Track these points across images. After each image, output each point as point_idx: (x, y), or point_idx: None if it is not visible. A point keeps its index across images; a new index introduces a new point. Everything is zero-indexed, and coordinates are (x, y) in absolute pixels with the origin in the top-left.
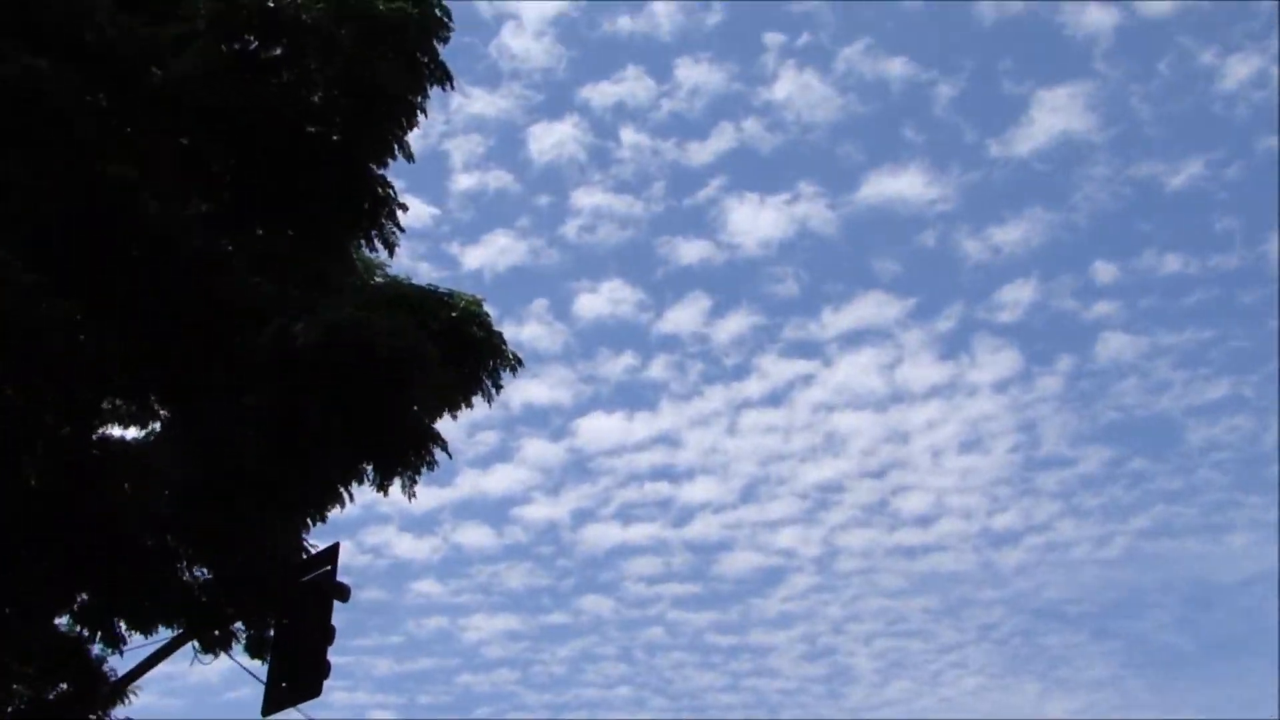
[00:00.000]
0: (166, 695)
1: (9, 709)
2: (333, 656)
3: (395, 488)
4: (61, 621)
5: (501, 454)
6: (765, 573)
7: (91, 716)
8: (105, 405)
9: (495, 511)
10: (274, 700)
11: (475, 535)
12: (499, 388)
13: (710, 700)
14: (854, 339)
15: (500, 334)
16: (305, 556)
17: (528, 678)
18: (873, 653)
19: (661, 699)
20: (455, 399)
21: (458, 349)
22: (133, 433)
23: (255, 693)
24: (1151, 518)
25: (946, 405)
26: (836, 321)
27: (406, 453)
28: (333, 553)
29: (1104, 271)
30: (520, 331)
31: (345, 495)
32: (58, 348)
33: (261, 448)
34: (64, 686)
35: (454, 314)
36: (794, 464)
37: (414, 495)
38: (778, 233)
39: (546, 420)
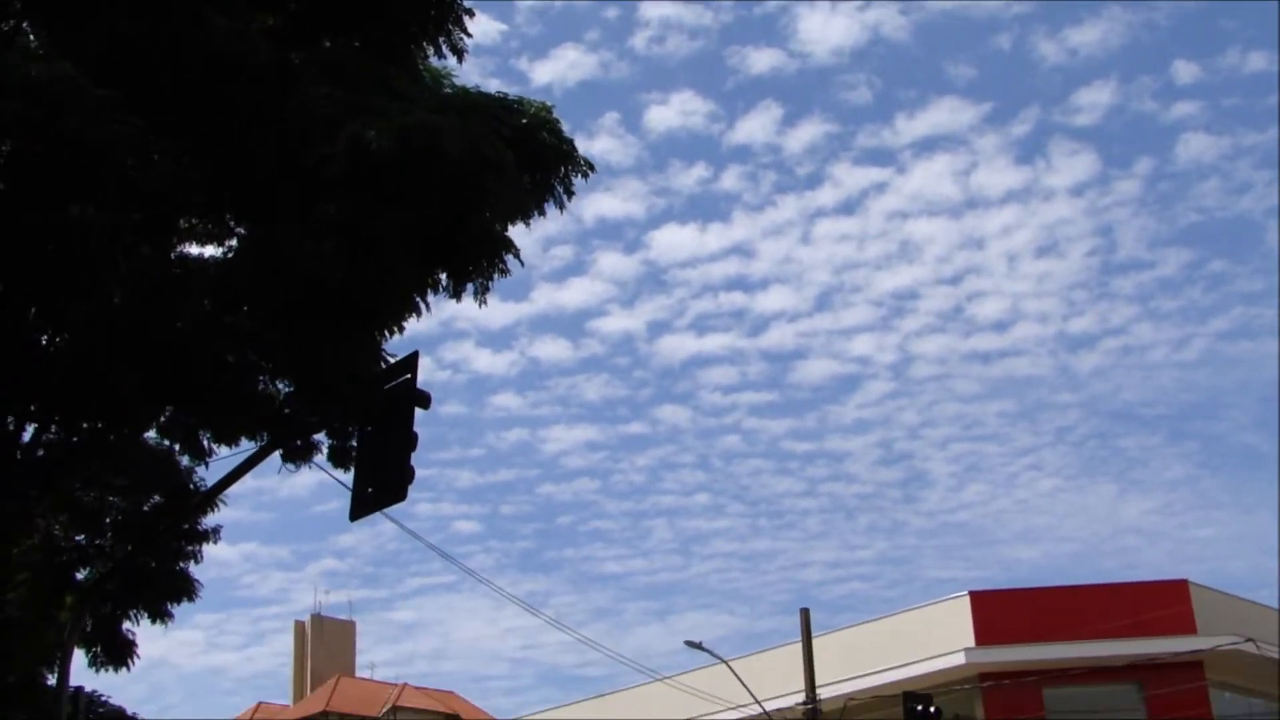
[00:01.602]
0: (258, 509)
1: (107, 519)
2: (416, 470)
3: (469, 295)
4: (150, 436)
5: (576, 268)
6: (841, 380)
7: (184, 525)
8: (182, 224)
9: (571, 325)
10: (360, 505)
11: (552, 349)
12: (571, 194)
13: (787, 505)
14: (928, 145)
15: (571, 140)
16: (384, 366)
17: (607, 486)
18: (949, 457)
19: (739, 504)
20: (528, 205)
21: (529, 155)
22: (210, 251)
23: (342, 505)
24: (1230, 320)
25: (1022, 210)
26: (910, 128)
27: (479, 259)
28: (412, 361)
29: (1184, 71)
30: (591, 145)
31: (421, 305)
32: (131, 164)
33: (337, 260)
34: (157, 498)
35: (524, 120)
36: (868, 272)
37: (485, 302)
38: (849, 40)
39: (620, 233)
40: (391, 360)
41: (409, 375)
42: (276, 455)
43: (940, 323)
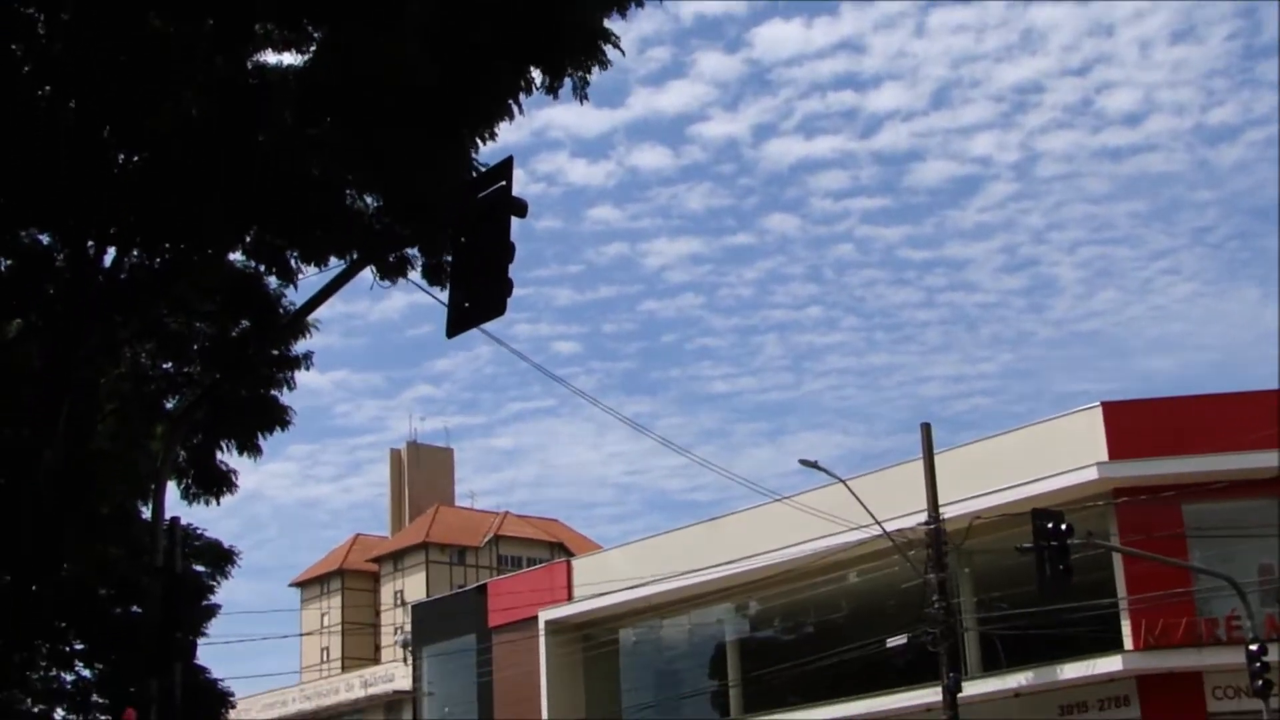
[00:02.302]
0: (350, 335)
1: (195, 346)
2: (513, 289)
3: (566, 92)
4: (236, 257)
5: (675, 70)
6: (959, 182)
7: (273, 350)
8: (258, 29)
9: (671, 131)
10: (458, 321)
11: (651, 157)
12: None
13: (905, 317)
14: None
15: None
16: (476, 174)
17: (713, 301)
18: (1077, 262)
19: (853, 318)
20: None
21: None
22: (289, 58)
23: (437, 328)
24: None
25: None
26: None
27: (576, 51)
28: (506, 167)
29: None
30: None
31: (513, 108)
32: None
33: (422, 61)
34: (244, 323)
35: None
36: (988, 65)
37: (585, 97)
38: None
39: (720, 31)
40: (483, 171)
41: (504, 182)
42: (367, 276)
43: (1067, 118)
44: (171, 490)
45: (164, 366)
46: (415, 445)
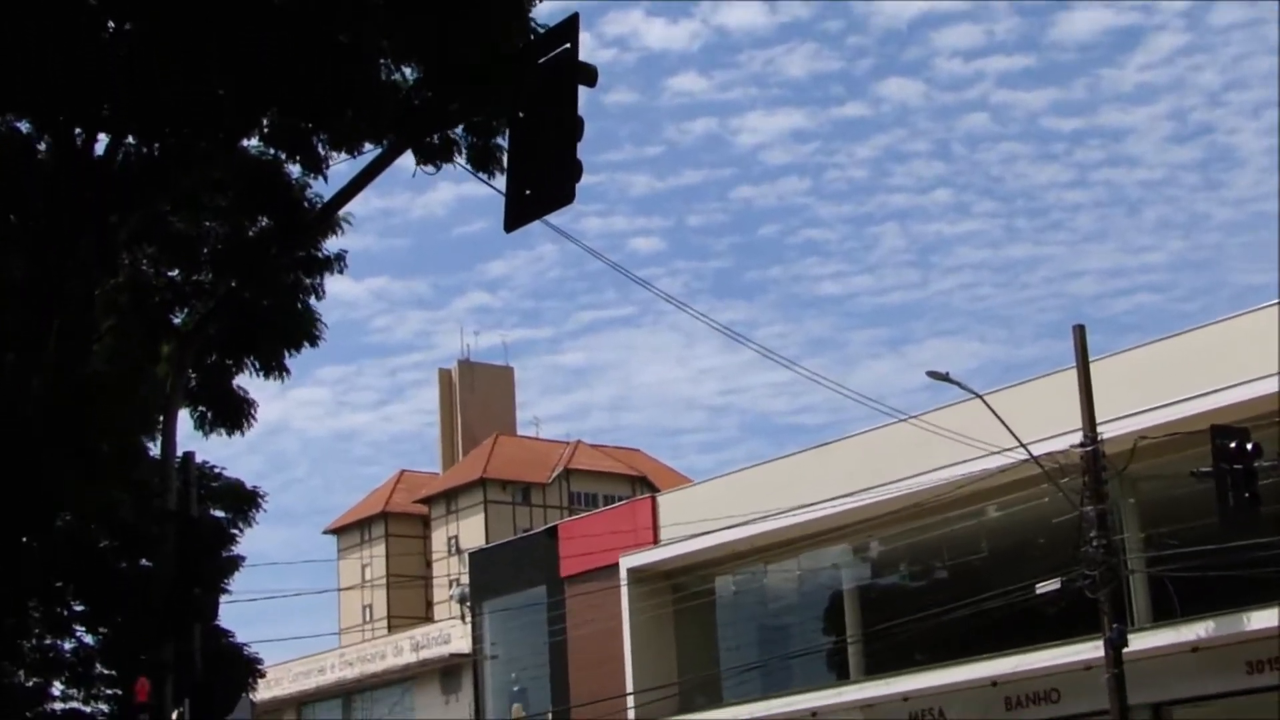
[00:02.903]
0: (388, 235)
1: (205, 249)
2: (581, 176)
3: None
4: (253, 145)
5: None
6: (1117, 34)
7: (299, 252)
8: None
9: None
10: (517, 212)
11: (743, 14)
12: None
13: (1052, 200)
14: None
15: None
16: (534, 38)
17: (820, 186)
18: (1262, 128)
19: (989, 202)
20: None
21: None
22: None
23: (490, 225)
24: None
25: None
26: None
27: None
28: (571, 26)
29: None
30: None
31: None
32: None
33: None
34: (264, 220)
35: None
36: None
37: None
38: None
39: None
40: (543, 32)
41: (568, 45)
42: (407, 163)
43: None
44: (183, 421)
45: (169, 275)
46: (468, 364)
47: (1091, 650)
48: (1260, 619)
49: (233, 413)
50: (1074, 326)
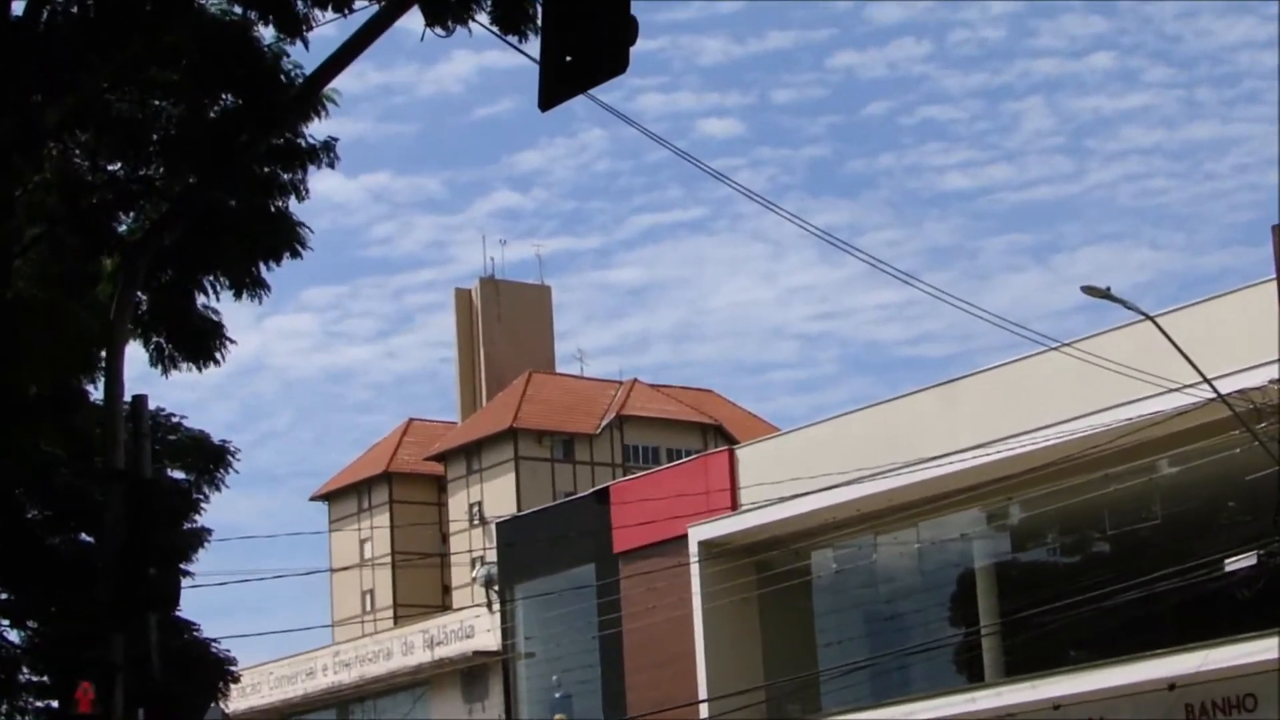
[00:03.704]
0: (390, 119)
1: (154, 138)
2: (637, 38)
3: None
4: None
5: None
6: None
7: (274, 138)
8: None
9: None
10: (555, 85)
11: None
12: None
13: (1243, 63)
14: None
15: None
16: None
17: (943, 50)
18: None
19: (1162, 67)
20: None
21: None
22: None
23: (522, 101)
24: None
25: None
26: None
27: None
28: None
29: None
30: None
31: None
32: None
33: None
34: (228, 98)
35: None
36: None
37: None
38: None
39: None
40: None
41: None
42: (413, 25)
43: None
44: (133, 357)
45: (111, 169)
46: (494, 284)
47: None
48: None
49: (196, 344)
50: (1273, 227)
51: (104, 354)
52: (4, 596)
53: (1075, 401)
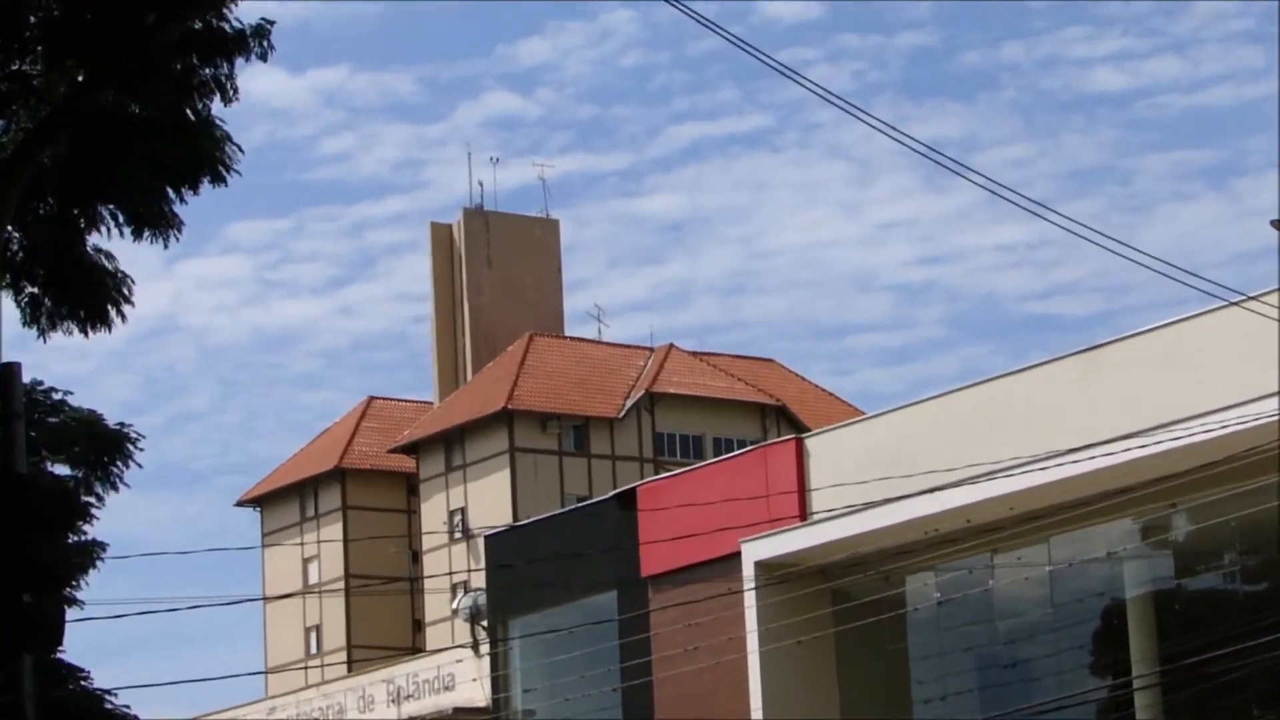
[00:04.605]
0: None
1: (31, 21)
2: None
3: None
4: None
5: None
6: None
7: (193, 23)
8: None
9: None
10: None
11: None
12: None
13: None
14: None
15: None
16: None
17: None
18: None
19: None
20: None
21: None
22: None
23: None
24: None
25: None
26: None
27: None
28: None
29: None
30: None
31: None
32: None
33: None
34: None
35: None
36: None
37: None
38: None
39: None
40: None
41: None
42: None
43: None
44: (4, 312)
45: None
46: (483, 216)
47: None
48: None
49: (85, 297)
50: None
51: None
52: None
53: (1263, 375)
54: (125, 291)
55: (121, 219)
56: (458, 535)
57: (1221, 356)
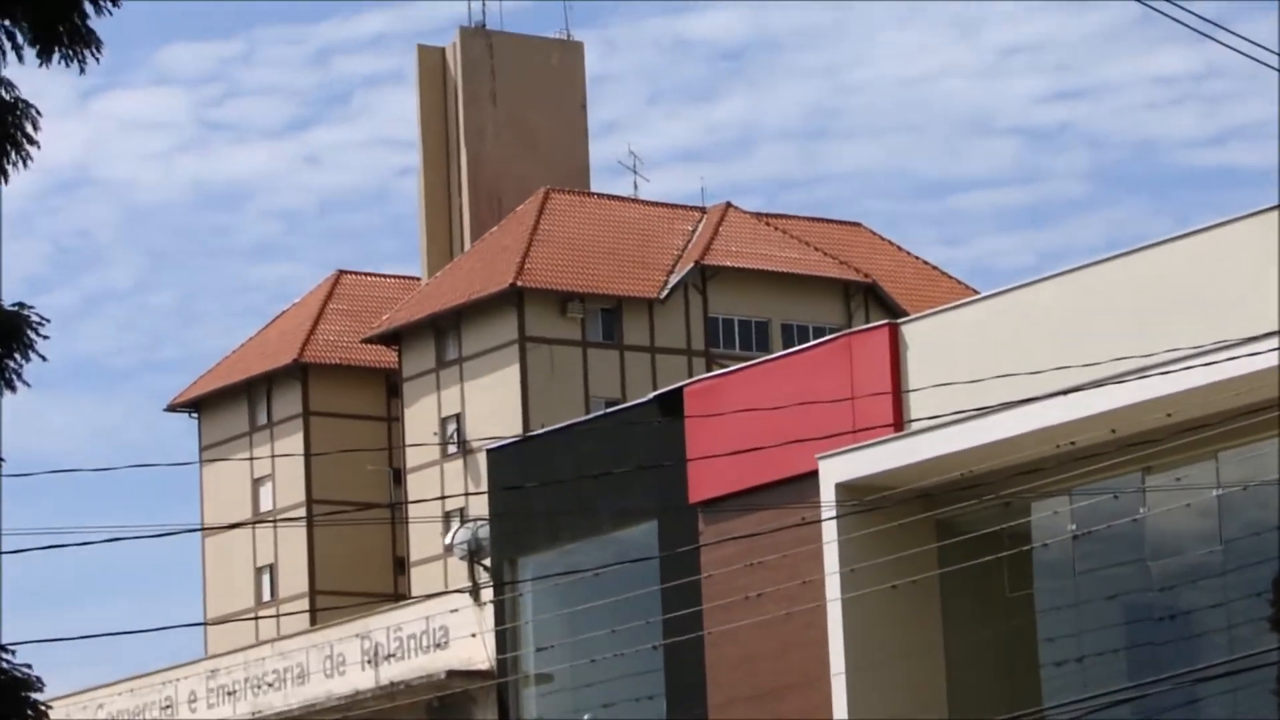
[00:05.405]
0: None
1: None
2: None
3: None
4: None
5: None
6: None
7: None
8: None
9: None
10: None
11: None
12: None
13: None
14: None
15: None
16: None
17: None
18: None
19: None
20: None
21: None
22: None
23: None
24: None
25: None
26: None
27: None
28: None
29: None
30: None
31: None
32: None
33: None
34: None
35: None
36: None
37: None
38: None
39: None
40: None
41: None
42: None
43: None
44: None
45: None
46: (485, 36)
47: None
48: None
49: None
50: None
51: None
52: None
53: None
54: (28, 130)
55: (21, 36)
56: (451, 449)
57: None
